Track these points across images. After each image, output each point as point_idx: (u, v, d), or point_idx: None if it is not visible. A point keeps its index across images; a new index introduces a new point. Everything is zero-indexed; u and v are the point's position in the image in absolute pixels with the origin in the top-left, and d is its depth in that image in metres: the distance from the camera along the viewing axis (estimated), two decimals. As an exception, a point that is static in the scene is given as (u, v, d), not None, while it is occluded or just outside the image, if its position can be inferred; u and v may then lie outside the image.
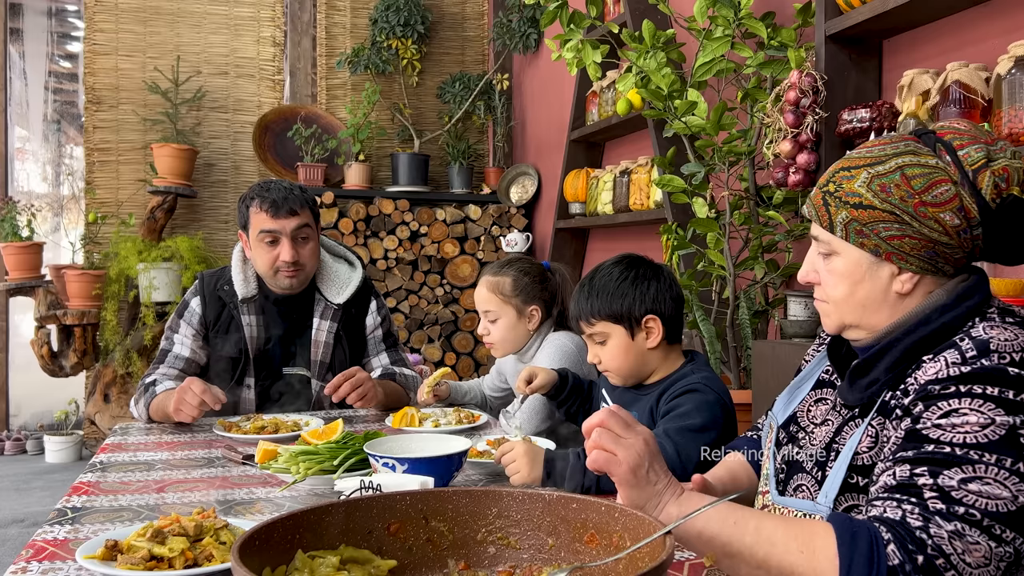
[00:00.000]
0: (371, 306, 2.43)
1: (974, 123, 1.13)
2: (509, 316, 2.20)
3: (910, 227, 1.03)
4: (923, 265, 1.05)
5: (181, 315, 2.32)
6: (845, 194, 1.07)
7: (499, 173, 5.06)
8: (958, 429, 0.94)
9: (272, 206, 2.18)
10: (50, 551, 1.21)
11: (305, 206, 2.23)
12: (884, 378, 1.06)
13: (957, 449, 0.93)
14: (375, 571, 0.93)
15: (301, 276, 2.27)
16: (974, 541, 0.88)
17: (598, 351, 1.70)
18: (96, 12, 4.91)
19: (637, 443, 0.99)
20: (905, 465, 0.95)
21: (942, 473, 0.92)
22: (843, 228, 1.07)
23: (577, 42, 2.93)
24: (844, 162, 1.11)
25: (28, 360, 5.10)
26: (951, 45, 2.21)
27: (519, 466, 1.46)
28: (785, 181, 2.42)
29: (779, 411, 1.26)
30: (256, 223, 2.22)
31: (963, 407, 0.95)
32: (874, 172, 1.06)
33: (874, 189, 1.05)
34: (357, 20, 5.18)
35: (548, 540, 0.98)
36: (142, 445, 1.93)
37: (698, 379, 1.63)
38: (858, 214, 1.06)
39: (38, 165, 6.21)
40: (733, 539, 0.94)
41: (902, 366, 1.05)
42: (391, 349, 2.46)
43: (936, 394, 0.97)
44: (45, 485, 4.53)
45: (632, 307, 1.64)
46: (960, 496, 0.90)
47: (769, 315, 2.66)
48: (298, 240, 2.22)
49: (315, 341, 2.33)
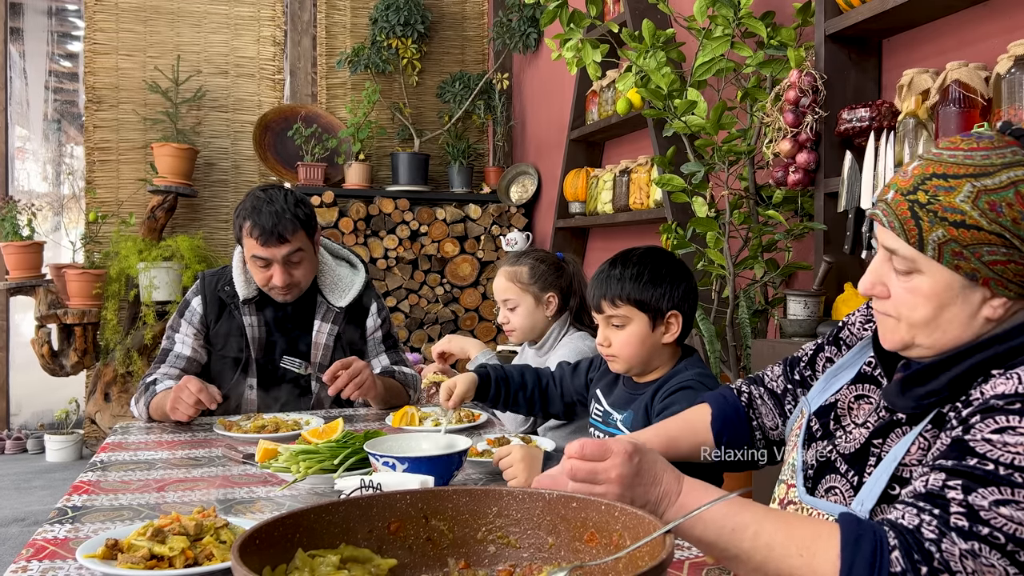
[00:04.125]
0: (372, 308, 2.42)
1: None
2: (528, 304, 2.26)
3: (1018, 252, 0.91)
4: (1021, 291, 0.93)
5: (182, 314, 2.31)
6: (943, 208, 0.93)
7: (499, 172, 5.07)
8: (1009, 448, 0.85)
9: (262, 234, 2.12)
10: (50, 550, 1.21)
11: (298, 228, 2.16)
12: (945, 391, 0.96)
13: (1001, 468, 0.85)
14: (375, 570, 0.93)
15: (295, 292, 2.26)
16: (989, 563, 0.82)
17: (611, 335, 1.67)
18: (96, 11, 4.91)
19: (610, 490, 0.95)
20: (941, 474, 0.88)
21: (976, 491, 0.85)
22: (936, 248, 0.94)
23: (577, 41, 2.93)
24: (936, 166, 0.96)
25: (29, 359, 5.11)
26: (951, 44, 2.21)
27: (516, 470, 1.45)
28: (785, 180, 2.42)
29: (814, 398, 1.17)
30: (247, 246, 2.18)
31: (1021, 426, 0.86)
32: (981, 186, 0.92)
33: (982, 207, 0.91)
34: (357, 19, 5.18)
35: (548, 539, 0.98)
36: (142, 444, 1.93)
37: (692, 376, 1.63)
38: (959, 234, 0.92)
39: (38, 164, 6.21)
40: (731, 545, 0.93)
41: (967, 380, 0.95)
42: (391, 350, 2.46)
43: (999, 408, 0.88)
44: (45, 484, 4.53)
45: (661, 299, 1.64)
46: (988, 517, 0.84)
47: (769, 314, 2.67)
48: (290, 263, 2.19)
49: (315, 343, 2.33)
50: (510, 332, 2.31)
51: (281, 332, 2.31)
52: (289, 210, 2.15)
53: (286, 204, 2.16)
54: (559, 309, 2.27)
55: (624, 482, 0.96)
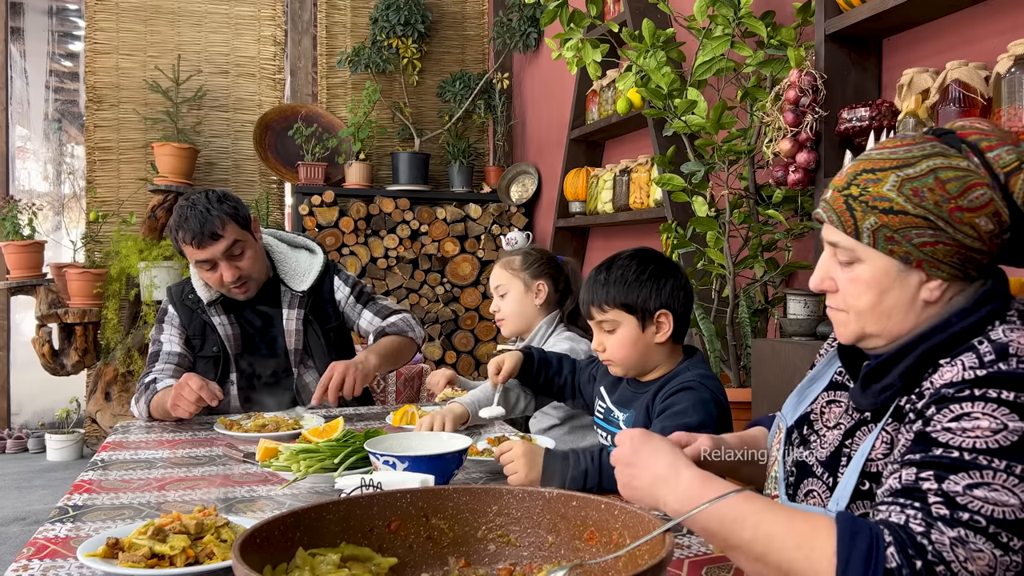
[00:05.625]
0: (336, 283, 2.46)
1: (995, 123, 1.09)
2: (517, 289, 2.29)
3: (944, 233, 0.99)
4: (954, 272, 1.01)
5: (162, 320, 2.38)
6: (872, 198, 1.01)
7: (499, 172, 5.07)
8: (968, 433, 0.91)
9: (194, 237, 2.17)
10: (51, 549, 1.21)
11: (228, 222, 2.21)
12: (899, 383, 1.02)
13: (966, 454, 0.90)
14: (376, 569, 0.94)
15: (251, 285, 2.30)
16: (977, 548, 0.85)
17: (604, 339, 1.69)
18: (97, 11, 4.91)
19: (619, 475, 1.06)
20: (912, 468, 0.93)
21: (948, 478, 0.89)
22: (871, 235, 1.02)
23: (577, 41, 2.93)
24: (865, 163, 1.04)
25: (29, 359, 5.11)
26: (951, 44, 2.21)
27: (517, 467, 1.46)
28: (785, 180, 2.42)
29: (788, 412, 1.23)
30: (188, 255, 2.23)
31: (976, 411, 0.92)
32: (904, 175, 1.00)
33: (906, 193, 0.99)
34: (357, 19, 5.18)
35: (548, 538, 0.98)
36: (143, 443, 1.93)
37: (693, 377, 1.63)
38: (889, 220, 1.00)
39: (39, 164, 6.22)
40: (732, 536, 0.94)
41: (918, 371, 1.01)
42: (369, 304, 2.49)
43: (950, 397, 0.94)
44: (46, 483, 4.54)
45: (647, 299, 1.65)
46: (965, 502, 0.88)
47: (769, 314, 2.67)
48: (233, 256, 2.23)
49: (287, 331, 2.37)
50: (500, 322, 2.34)
51: (252, 326, 2.37)
52: (213, 207, 2.20)
53: (209, 203, 2.21)
54: (548, 301, 2.29)
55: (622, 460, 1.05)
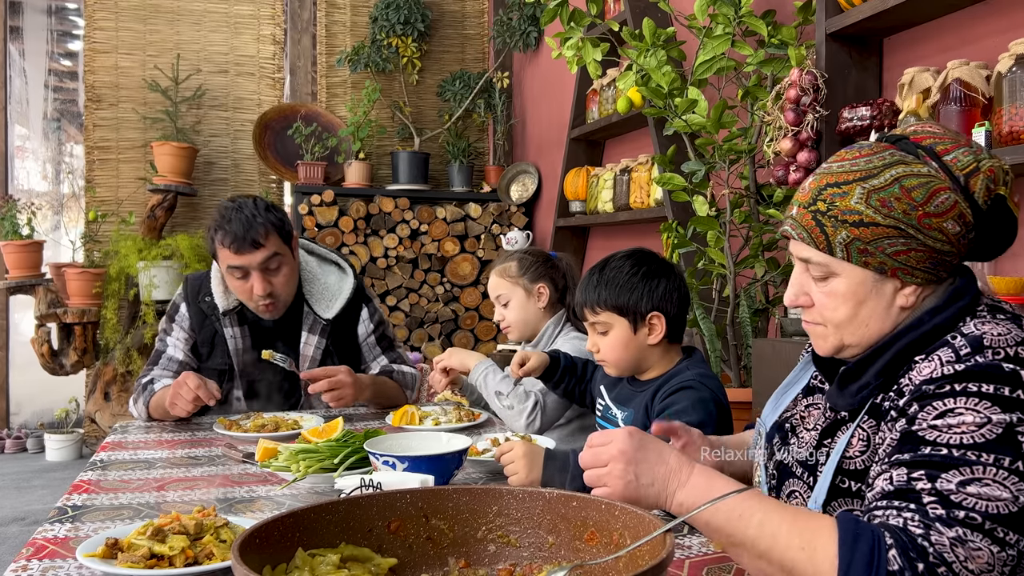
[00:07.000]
0: (362, 314, 2.36)
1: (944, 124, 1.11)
2: (519, 296, 2.26)
3: (915, 240, 1.00)
4: (927, 276, 1.02)
5: (172, 319, 2.29)
6: (841, 212, 1.02)
7: (499, 171, 5.06)
8: (954, 430, 0.92)
9: (234, 241, 2.06)
10: (50, 549, 1.20)
11: (271, 232, 2.10)
12: (875, 382, 1.04)
13: (954, 451, 0.91)
14: (375, 569, 0.93)
15: (278, 306, 2.18)
16: (976, 547, 0.86)
17: (598, 340, 1.70)
18: (96, 10, 4.91)
19: (615, 467, 1.02)
20: (902, 469, 0.93)
21: (940, 476, 0.90)
22: (844, 248, 1.02)
23: (577, 40, 2.93)
24: (828, 177, 1.05)
25: (28, 358, 5.11)
26: (952, 43, 2.21)
27: (517, 467, 1.46)
28: (785, 179, 2.42)
29: (767, 417, 1.24)
30: (222, 258, 2.11)
31: (959, 407, 0.93)
32: (869, 186, 1.01)
33: (874, 204, 1.00)
34: (357, 18, 5.18)
35: (548, 538, 0.98)
36: (142, 443, 1.93)
37: (693, 376, 1.63)
38: (860, 232, 1.01)
39: (38, 163, 6.21)
40: (736, 532, 0.94)
41: (893, 369, 1.03)
42: (388, 351, 2.42)
43: (931, 394, 0.95)
44: (45, 483, 4.53)
45: (639, 302, 1.65)
46: (959, 500, 0.88)
47: (769, 313, 2.66)
48: (268, 270, 2.12)
49: (303, 356, 2.28)
50: (507, 329, 2.32)
51: (265, 344, 2.23)
52: (260, 215, 2.10)
53: (256, 210, 2.11)
54: (551, 303, 2.28)
55: (626, 456, 1.01)
